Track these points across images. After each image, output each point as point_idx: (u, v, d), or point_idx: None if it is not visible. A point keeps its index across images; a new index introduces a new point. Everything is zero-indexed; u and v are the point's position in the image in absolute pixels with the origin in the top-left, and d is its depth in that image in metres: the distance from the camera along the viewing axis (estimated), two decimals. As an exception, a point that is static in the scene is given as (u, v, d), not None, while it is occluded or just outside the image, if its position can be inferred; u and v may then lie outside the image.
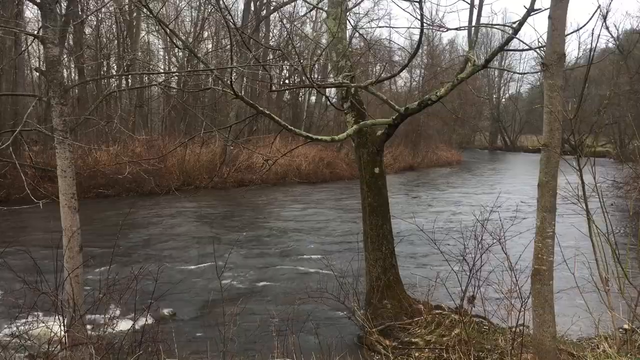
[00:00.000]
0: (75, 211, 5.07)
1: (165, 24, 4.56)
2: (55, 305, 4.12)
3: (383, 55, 27.89)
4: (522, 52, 27.33)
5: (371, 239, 6.95)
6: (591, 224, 4.54)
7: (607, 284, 4.53)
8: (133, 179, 18.36)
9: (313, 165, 26.44)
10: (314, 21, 32.97)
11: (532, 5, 4.94)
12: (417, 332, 6.25)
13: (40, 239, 12.22)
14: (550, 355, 4.28)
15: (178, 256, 11.09)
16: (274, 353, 4.51)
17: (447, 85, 6.27)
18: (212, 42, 30.38)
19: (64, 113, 4.98)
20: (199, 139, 22.74)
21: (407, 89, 39.42)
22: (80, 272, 5.03)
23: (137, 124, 25.46)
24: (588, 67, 5.01)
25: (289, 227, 14.51)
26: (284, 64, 24.14)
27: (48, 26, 4.86)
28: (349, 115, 7.12)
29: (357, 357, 6.01)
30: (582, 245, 5.30)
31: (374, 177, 6.96)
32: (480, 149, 60.53)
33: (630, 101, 22.24)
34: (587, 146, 5.55)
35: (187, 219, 15.53)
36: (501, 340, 5.52)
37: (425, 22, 5.64)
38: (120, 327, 5.62)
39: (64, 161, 5.01)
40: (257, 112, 5.32)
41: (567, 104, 4.58)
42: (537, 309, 4.34)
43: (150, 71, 17.32)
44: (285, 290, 8.99)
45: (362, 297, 6.87)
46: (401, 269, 7.37)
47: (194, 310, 7.98)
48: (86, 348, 4.07)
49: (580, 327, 6.42)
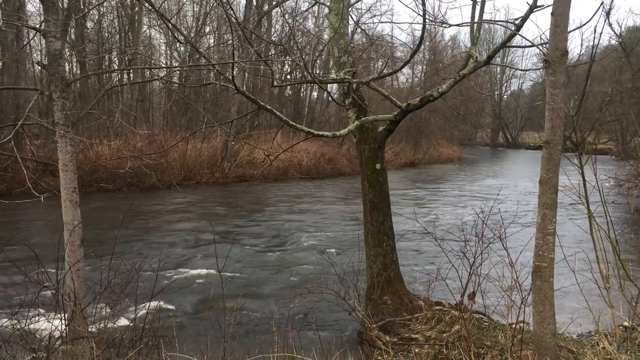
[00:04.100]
0: (76, 205, 5.08)
1: (167, 19, 4.55)
2: (56, 299, 4.14)
3: (385, 51, 27.81)
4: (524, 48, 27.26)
5: (372, 235, 6.95)
6: (592, 221, 4.54)
7: (607, 281, 4.53)
8: (134, 174, 18.39)
9: (314, 160, 26.44)
10: (316, 17, 32.92)
11: (535, 1, 4.92)
12: (417, 328, 6.27)
13: (41, 233, 12.26)
14: (550, 352, 4.28)
15: (179, 251, 11.11)
16: (274, 348, 4.52)
17: (449, 82, 6.26)
18: (214, 37, 30.37)
19: (66, 107, 4.98)
20: (201, 134, 22.74)
21: (409, 85, 39.38)
22: (81, 266, 5.04)
23: (138, 118, 25.47)
24: (590, 64, 4.99)
25: (290, 223, 14.53)
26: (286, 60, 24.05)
27: (50, 20, 4.86)
28: (350, 111, 7.11)
29: (357, 352, 6.04)
30: (583, 242, 5.31)
31: (375, 173, 6.96)
32: (481, 146, 60.53)
33: (632, 98, 22.18)
34: (589, 143, 5.56)
35: (188, 214, 15.55)
36: (501, 337, 5.53)
37: (428, 18, 5.62)
38: (121, 321, 5.65)
39: (66, 155, 5.01)
40: (258, 107, 5.32)
41: (569, 101, 4.56)
42: (537, 305, 4.34)
43: (151, 66, 17.32)
44: (285, 285, 9.01)
45: (363, 293, 6.88)
46: (402, 265, 7.38)
47: (194, 305, 8.00)
48: (87, 342, 4.09)
49: (580, 324, 6.43)
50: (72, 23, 19.32)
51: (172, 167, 20.93)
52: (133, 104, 24.96)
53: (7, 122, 15.90)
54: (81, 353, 4.13)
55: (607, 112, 25.90)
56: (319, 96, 34.81)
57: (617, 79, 22.90)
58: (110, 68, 23.73)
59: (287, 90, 33.00)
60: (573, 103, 4.57)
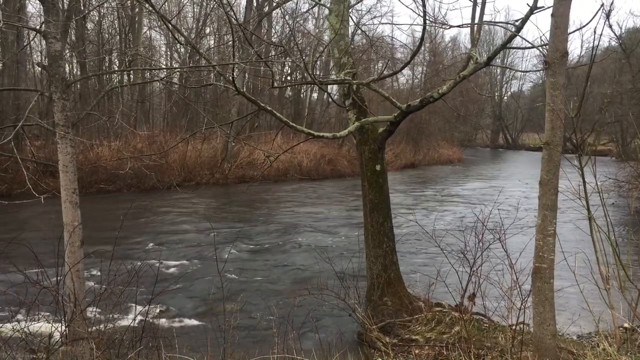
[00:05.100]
0: (76, 206, 5.08)
1: (168, 20, 4.56)
2: (56, 300, 4.13)
3: (385, 53, 27.77)
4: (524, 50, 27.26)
5: (372, 236, 6.95)
6: (592, 222, 4.53)
7: (607, 282, 4.53)
8: (134, 175, 18.40)
9: (314, 162, 26.45)
10: (316, 18, 32.94)
11: (535, 3, 4.93)
12: (418, 329, 6.26)
13: (41, 234, 12.24)
14: (550, 353, 4.28)
15: (179, 252, 11.11)
16: (274, 349, 4.52)
17: (449, 83, 6.26)
18: (214, 38, 30.38)
19: (66, 108, 4.98)
20: (201, 135, 22.75)
21: (409, 87, 39.38)
22: (81, 267, 5.04)
23: (138, 119, 25.48)
24: (590, 65, 4.99)
25: (290, 224, 14.52)
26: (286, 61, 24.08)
27: (50, 21, 4.86)
28: (350, 112, 7.11)
29: (357, 354, 6.03)
30: (583, 244, 5.30)
31: (375, 174, 6.96)
32: (482, 147, 60.51)
33: (632, 100, 22.18)
34: (589, 144, 5.55)
35: (188, 215, 15.54)
36: (501, 338, 5.53)
37: (428, 19, 5.63)
38: (121, 322, 5.65)
39: (66, 156, 5.01)
40: (258, 108, 5.32)
41: (569, 102, 4.56)
42: (537, 306, 4.34)
43: (152, 67, 17.32)
44: (285, 286, 9.00)
45: (363, 294, 6.88)
46: (402, 266, 7.38)
47: (194, 306, 8.00)
48: (87, 343, 4.08)
49: (580, 326, 6.43)
50: (73, 24, 19.36)
51: (172, 168, 20.93)
52: (133, 105, 24.97)
53: (7, 123, 15.89)
54: (81, 354, 4.12)
55: (607, 114, 25.89)
56: (319, 97, 34.81)
57: (617, 81, 22.88)
58: (110, 69, 23.72)
59: (288, 91, 33.01)
60: (573, 104, 4.57)
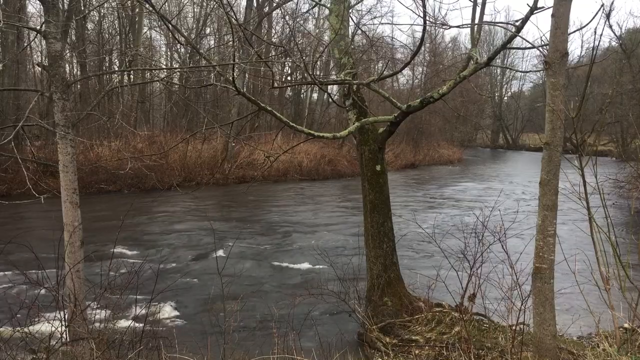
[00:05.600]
0: (76, 206, 5.07)
1: (168, 20, 4.56)
2: (56, 300, 4.13)
3: (385, 53, 27.75)
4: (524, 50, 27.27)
5: (372, 236, 6.94)
6: (592, 222, 4.53)
7: (607, 282, 4.53)
8: (134, 175, 18.41)
9: (314, 162, 26.46)
10: (317, 18, 32.91)
11: (535, 3, 4.93)
12: (418, 329, 6.26)
13: (41, 234, 12.25)
14: (551, 354, 4.28)
15: (179, 252, 11.10)
16: (274, 349, 4.51)
17: (449, 83, 6.26)
18: (214, 38, 30.37)
19: (66, 108, 4.98)
20: (201, 135, 22.77)
21: (409, 87, 39.37)
22: (81, 267, 5.04)
23: (138, 119, 25.49)
24: (590, 65, 4.99)
25: (290, 224, 14.52)
26: (286, 61, 24.08)
27: (50, 21, 4.86)
28: (350, 112, 7.11)
29: (357, 354, 6.02)
30: (583, 244, 5.30)
31: (376, 175, 6.96)
32: (482, 147, 60.52)
33: (632, 100, 22.18)
34: (589, 145, 5.54)
35: (188, 215, 15.54)
36: (501, 339, 5.53)
37: (428, 19, 5.63)
38: (121, 323, 5.64)
39: (66, 156, 5.01)
40: (259, 108, 5.32)
41: (569, 102, 4.56)
42: (537, 307, 4.34)
43: (152, 67, 17.32)
44: (285, 287, 9.00)
45: (363, 294, 6.88)
46: (402, 266, 7.38)
47: (194, 306, 8.00)
48: (87, 343, 4.08)
49: (580, 326, 6.43)
50: (73, 24, 19.35)
51: (172, 168, 20.94)
52: (133, 105, 24.97)
53: (7, 123, 15.89)
54: (81, 354, 4.12)
55: (607, 114, 25.86)
56: (319, 97, 34.80)
57: (617, 81, 22.86)
58: (110, 69, 23.74)
59: (288, 91, 33.02)
60: (573, 105, 4.57)
